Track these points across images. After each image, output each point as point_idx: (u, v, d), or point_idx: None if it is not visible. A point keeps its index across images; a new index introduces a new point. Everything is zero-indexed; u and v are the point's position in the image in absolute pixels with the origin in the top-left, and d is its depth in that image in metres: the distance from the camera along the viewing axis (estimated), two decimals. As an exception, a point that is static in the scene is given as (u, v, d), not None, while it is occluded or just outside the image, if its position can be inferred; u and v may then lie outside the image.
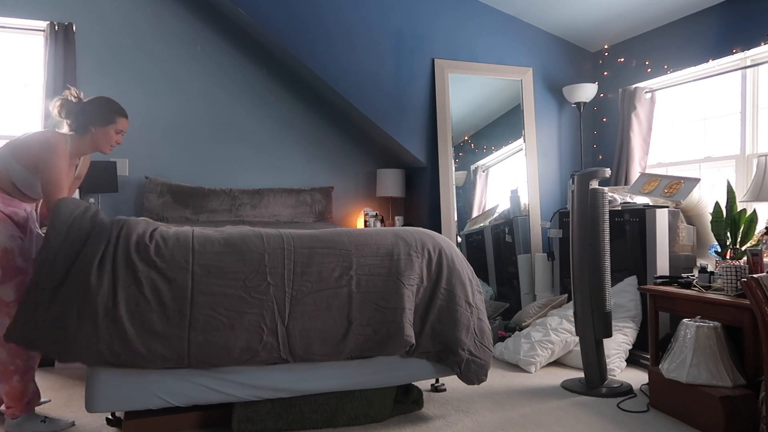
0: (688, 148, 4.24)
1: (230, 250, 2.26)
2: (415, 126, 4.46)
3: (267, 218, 4.34)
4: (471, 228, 4.38)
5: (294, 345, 2.23)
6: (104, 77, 4.17)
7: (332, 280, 2.32)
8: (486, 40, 4.62)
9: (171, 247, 2.20)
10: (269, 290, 2.24)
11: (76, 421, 2.43)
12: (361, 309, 2.33)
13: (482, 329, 2.52)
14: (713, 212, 2.97)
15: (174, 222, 4.04)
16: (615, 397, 2.81)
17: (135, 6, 4.25)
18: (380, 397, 2.45)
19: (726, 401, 2.26)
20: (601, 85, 4.79)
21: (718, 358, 2.40)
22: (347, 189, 4.81)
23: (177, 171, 4.33)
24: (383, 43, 4.39)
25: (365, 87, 4.31)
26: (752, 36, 3.58)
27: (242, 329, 2.17)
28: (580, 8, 4.37)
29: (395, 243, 2.47)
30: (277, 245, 2.32)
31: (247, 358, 2.18)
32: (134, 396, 2.13)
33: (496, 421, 2.49)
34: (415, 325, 2.40)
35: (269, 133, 4.60)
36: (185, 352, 2.10)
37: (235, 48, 4.49)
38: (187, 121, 4.39)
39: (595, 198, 2.88)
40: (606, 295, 2.88)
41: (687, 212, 3.65)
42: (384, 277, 2.38)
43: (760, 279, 1.99)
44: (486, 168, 4.60)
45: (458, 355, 2.42)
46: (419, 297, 2.44)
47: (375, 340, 2.32)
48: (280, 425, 2.32)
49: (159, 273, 2.14)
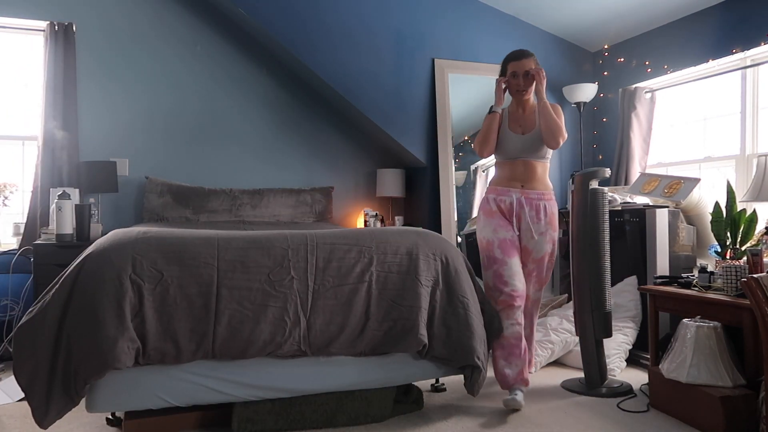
0: (688, 148, 4.24)
1: (255, 246, 2.30)
2: (415, 126, 4.46)
3: (267, 218, 4.34)
4: (471, 228, 4.37)
5: (314, 338, 2.27)
6: (104, 77, 4.17)
7: (353, 276, 2.37)
8: (486, 40, 4.62)
9: (197, 244, 2.23)
10: (293, 284, 2.28)
11: (77, 421, 2.42)
12: (378, 305, 2.37)
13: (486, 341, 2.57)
14: (713, 212, 2.97)
15: (174, 222, 4.04)
16: (615, 397, 2.81)
17: (135, 6, 4.25)
18: (380, 397, 2.45)
19: (726, 401, 2.26)
20: (601, 85, 4.79)
21: (718, 358, 2.40)
22: (347, 189, 4.82)
23: (177, 171, 4.34)
24: (383, 43, 4.39)
25: (365, 87, 4.31)
26: (752, 36, 3.58)
27: (266, 322, 2.21)
28: (580, 8, 4.37)
29: (415, 242, 2.52)
30: (300, 241, 2.37)
31: (270, 351, 2.22)
32: (134, 396, 2.13)
33: (496, 421, 2.49)
34: (429, 328, 2.42)
35: (269, 133, 4.60)
36: (210, 345, 2.14)
37: (235, 48, 4.49)
38: (187, 121, 4.39)
39: (595, 198, 2.88)
40: (606, 295, 2.88)
41: (687, 212, 3.65)
42: (403, 276, 2.43)
43: (760, 279, 1.99)
44: (486, 168, 4.60)
45: (472, 363, 2.44)
46: (435, 299, 2.46)
47: (390, 336, 2.36)
48: (280, 425, 2.32)
49: (185, 270, 2.17)
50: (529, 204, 2.78)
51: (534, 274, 2.84)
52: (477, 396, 2.58)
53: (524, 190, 2.79)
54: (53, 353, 2.02)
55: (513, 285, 2.69)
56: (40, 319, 2.04)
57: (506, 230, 2.76)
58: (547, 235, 2.80)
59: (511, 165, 2.82)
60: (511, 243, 2.75)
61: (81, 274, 2.10)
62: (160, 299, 2.12)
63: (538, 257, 2.81)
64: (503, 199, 2.80)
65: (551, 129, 2.71)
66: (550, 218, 2.81)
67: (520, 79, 2.79)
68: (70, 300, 2.06)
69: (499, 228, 2.77)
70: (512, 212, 2.78)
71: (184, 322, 2.13)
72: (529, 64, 2.78)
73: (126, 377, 2.11)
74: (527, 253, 2.80)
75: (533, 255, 2.80)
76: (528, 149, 2.79)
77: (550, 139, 2.72)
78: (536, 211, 2.78)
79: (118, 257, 2.13)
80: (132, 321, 2.07)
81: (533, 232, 2.76)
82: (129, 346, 2.03)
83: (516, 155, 2.81)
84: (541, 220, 2.78)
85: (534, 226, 2.76)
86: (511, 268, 2.70)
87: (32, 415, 2.00)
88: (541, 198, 2.80)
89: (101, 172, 3.90)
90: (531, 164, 2.80)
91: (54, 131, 3.92)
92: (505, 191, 2.81)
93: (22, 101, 4.16)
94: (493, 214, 2.80)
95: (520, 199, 2.78)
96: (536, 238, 2.77)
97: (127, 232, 2.29)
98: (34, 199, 3.89)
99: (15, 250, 3.64)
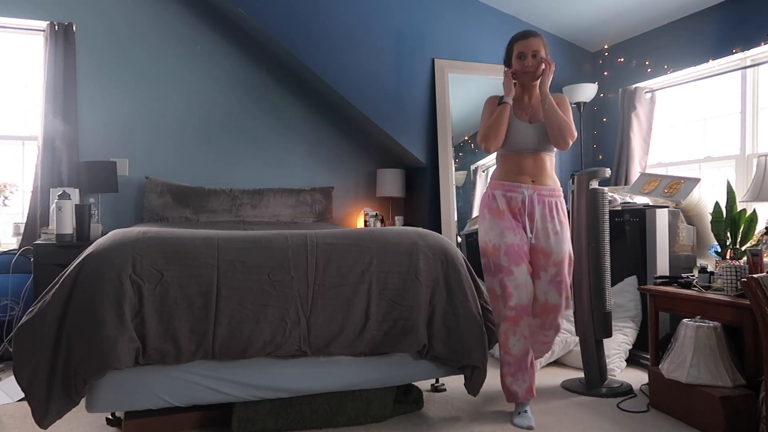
0: (688, 148, 4.24)
1: (255, 246, 2.30)
2: (415, 126, 4.46)
3: (267, 218, 4.34)
4: (471, 228, 4.37)
5: (314, 338, 2.27)
6: (104, 77, 4.17)
7: (353, 276, 2.36)
8: (486, 40, 4.62)
9: (197, 244, 2.23)
10: (293, 284, 2.28)
11: (77, 421, 2.42)
12: (378, 305, 2.37)
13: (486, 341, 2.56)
14: (713, 212, 2.97)
15: (174, 222, 4.04)
16: (615, 397, 2.81)
17: (135, 6, 4.25)
18: (380, 397, 2.45)
19: (726, 401, 2.26)
20: (601, 85, 4.79)
21: (718, 358, 2.40)
22: (347, 189, 4.82)
23: (177, 171, 4.34)
24: (383, 43, 4.39)
25: (365, 87, 4.32)
26: (752, 36, 3.58)
27: (266, 322, 2.21)
28: (580, 8, 4.37)
29: (415, 243, 2.50)
30: (300, 241, 2.37)
31: (270, 351, 2.22)
32: (134, 396, 2.13)
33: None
34: (429, 328, 2.42)
35: (269, 133, 4.60)
36: (210, 345, 2.14)
37: (235, 48, 4.49)
38: (187, 121, 4.39)
39: (595, 198, 2.88)
40: (606, 295, 2.88)
41: (687, 212, 3.65)
42: (403, 276, 2.42)
43: (760, 279, 2.00)
44: (486, 168, 4.60)
45: (472, 363, 2.44)
46: (435, 300, 2.46)
47: (390, 336, 2.36)
48: (280, 425, 2.32)
49: (184, 270, 2.17)
50: (541, 202, 2.53)
51: (557, 279, 2.54)
52: (477, 396, 2.58)
53: (536, 186, 2.53)
54: (53, 353, 2.02)
55: (519, 298, 2.48)
56: (40, 319, 2.04)
57: (515, 234, 2.51)
58: (565, 234, 2.56)
59: (519, 158, 2.55)
60: (518, 249, 2.50)
61: (81, 274, 2.10)
62: (160, 299, 2.12)
63: (559, 259, 2.53)
64: (513, 196, 2.53)
65: (560, 128, 2.47)
66: (563, 217, 2.58)
67: (528, 59, 2.53)
68: (70, 300, 2.06)
69: (507, 231, 2.51)
70: (523, 211, 2.52)
71: (184, 322, 2.13)
72: (537, 43, 2.53)
73: (126, 377, 2.11)
74: (546, 256, 2.53)
75: (554, 257, 2.52)
76: (537, 140, 2.54)
77: (559, 139, 2.48)
78: (549, 210, 2.54)
79: (118, 257, 2.13)
80: (132, 321, 2.07)
81: (549, 231, 2.53)
82: (129, 346, 2.03)
83: (524, 147, 2.54)
84: (554, 219, 2.54)
85: (550, 225, 2.53)
86: (516, 279, 2.47)
87: (32, 415, 2.00)
88: (552, 195, 2.57)
89: (101, 172, 3.90)
90: (540, 157, 2.56)
91: (54, 131, 3.92)
92: (514, 187, 2.54)
93: (22, 101, 4.16)
94: (501, 215, 2.53)
95: (532, 196, 2.52)
96: (554, 237, 2.52)
97: (127, 232, 2.29)
98: (34, 199, 3.89)
99: (15, 250, 3.64)
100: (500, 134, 2.52)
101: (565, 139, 2.48)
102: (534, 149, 2.55)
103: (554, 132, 2.49)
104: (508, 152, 2.59)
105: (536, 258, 2.55)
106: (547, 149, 2.56)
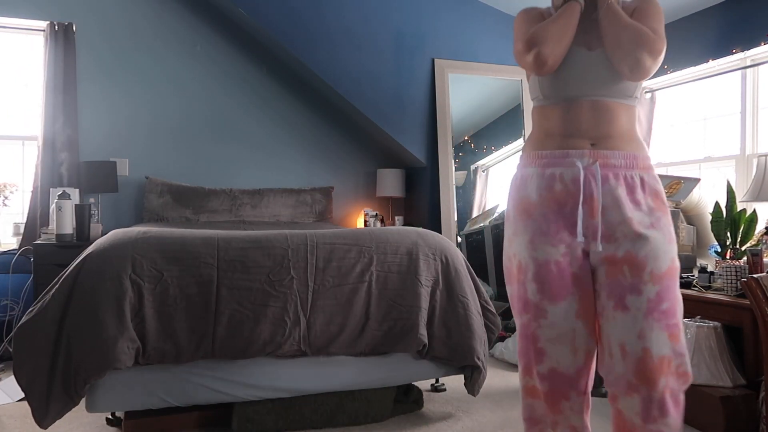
0: (688, 148, 4.24)
1: (255, 246, 2.30)
2: (415, 126, 4.46)
3: (267, 218, 4.34)
4: (471, 228, 4.37)
5: (314, 338, 2.27)
6: (104, 77, 4.17)
7: (353, 276, 2.36)
8: (486, 40, 4.62)
9: (197, 244, 2.23)
10: (293, 284, 2.28)
11: (77, 421, 2.42)
12: (378, 305, 2.37)
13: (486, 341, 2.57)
14: (713, 212, 2.97)
15: (174, 222, 4.04)
16: (615, 397, 2.80)
17: (135, 6, 4.25)
18: (380, 397, 2.45)
19: (726, 401, 2.26)
20: (601, 85, 4.78)
21: (718, 358, 2.40)
22: (347, 189, 4.81)
23: (177, 171, 4.33)
24: (383, 43, 4.39)
25: (365, 87, 4.31)
26: (752, 36, 3.58)
27: (266, 322, 2.21)
28: (580, 8, 4.36)
29: (415, 242, 2.51)
30: (300, 241, 2.37)
31: (270, 351, 2.22)
32: (134, 396, 2.13)
33: (496, 421, 2.49)
34: (429, 328, 2.43)
35: (269, 133, 4.60)
36: (210, 345, 2.14)
37: (235, 48, 4.49)
38: (187, 121, 4.39)
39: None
40: (606, 295, 2.87)
41: (687, 212, 3.65)
42: (403, 275, 2.42)
43: (760, 279, 1.99)
44: (486, 168, 4.60)
45: (472, 363, 2.45)
46: (435, 299, 2.46)
47: (390, 336, 2.36)
48: (280, 425, 2.32)
49: (184, 270, 2.17)
50: (612, 177, 1.51)
51: (661, 309, 1.44)
52: (477, 396, 2.58)
53: (598, 152, 1.52)
54: (53, 353, 2.02)
55: (555, 360, 1.54)
56: (40, 319, 2.04)
57: (555, 242, 1.53)
58: (666, 231, 1.51)
59: (569, 109, 1.56)
60: (560, 271, 1.52)
61: (81, 274, 2.10)
62: (160, 299, 2.13)
63: (661, 272, 1.46)
64: (558, 174, 1.54)
65: (626, 40, 1.49)
66: (659, 202, 1.54)
67: None
68: (70, 300, 2.06)
69: (540, 239, 1.54)
70: (576, 197, 1.51)
71: (184, 322, 2.13)
72: None
73: (126, 377, 2.11)
74: (635, 268, 1.47)
75: (649, 268, 1.46)
76: (601, 76, 1.55)
77: (625, 57, 1.49)
78: (630, 190, 1.51)
79: (118, 257, 2.13)
80: (132, 321, 2.07)
81: (635, 225, 1.48)
82: (129, 346, 2.03)
83: (579, 90, 1.56)
84: (641, 204, 1.51)
85: (635, 215, 1.49)
86: (554, 326, 1.52)
87: (32, 415, 2.00)
88: (633, 165, 1.53)
89: (101, 172, 3.90)
90: (605, 106, 1.54)
91: (54, 131, 3.92)
92: (560, 158, 1.54)
93: (22, 101, 4.16)
94: (531, 211, 1.57)
95: (592, 168, 1.50)
96: (645, 235, 1.47)
97: (127, 232, 2.29)
98: (34, 199, 3.89)
99: (15, 250, 3.64)
100: (566, 38, 1.53)
101: (634, 54, 1.47)
102: (593, 94, 1.54)
103: (613, 46, 1.51)
104: (551, 101, 1.60)
105: (613, 275, 1.50)
106: (616, 93, 1.55)
